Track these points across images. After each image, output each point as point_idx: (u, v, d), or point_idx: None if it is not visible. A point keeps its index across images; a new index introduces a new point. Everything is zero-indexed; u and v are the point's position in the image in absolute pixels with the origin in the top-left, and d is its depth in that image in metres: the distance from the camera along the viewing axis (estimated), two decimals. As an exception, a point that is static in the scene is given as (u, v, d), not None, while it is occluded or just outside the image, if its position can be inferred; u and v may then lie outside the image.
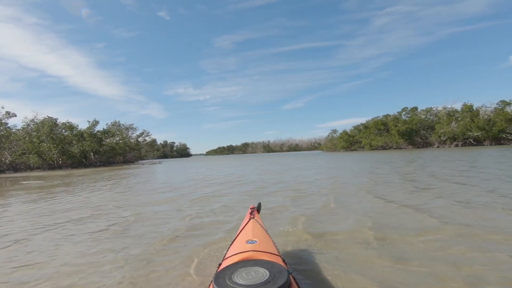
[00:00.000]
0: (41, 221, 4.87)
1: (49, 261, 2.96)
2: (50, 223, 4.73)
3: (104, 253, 3.11)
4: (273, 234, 2.77)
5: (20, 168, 36.79)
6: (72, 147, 41.56)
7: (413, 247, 2.90)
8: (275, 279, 1.35)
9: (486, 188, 6.04)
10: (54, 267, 2.79)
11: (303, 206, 5.13)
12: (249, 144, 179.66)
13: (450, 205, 4.63)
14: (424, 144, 58.55)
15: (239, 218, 4.29)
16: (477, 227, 3.37)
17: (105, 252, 3.16)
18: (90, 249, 3.29)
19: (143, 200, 6.85)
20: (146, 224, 4.38)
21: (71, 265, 2.82)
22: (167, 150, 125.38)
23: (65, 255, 3.13)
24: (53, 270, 2.72)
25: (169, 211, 5.32)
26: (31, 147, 36.95)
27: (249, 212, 2.49)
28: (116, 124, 60.32)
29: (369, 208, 4.72)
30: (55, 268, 2.76)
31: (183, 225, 4.20)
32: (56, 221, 4.86)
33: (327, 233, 3.47)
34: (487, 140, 51.22)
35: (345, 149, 70.55)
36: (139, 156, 67.44)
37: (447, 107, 58.83)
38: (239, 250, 1.77)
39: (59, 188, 10.83)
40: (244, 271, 1.44)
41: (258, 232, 2.05)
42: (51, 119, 42.00)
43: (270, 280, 1.34)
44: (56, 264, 2.87)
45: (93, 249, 3.29)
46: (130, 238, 3.65)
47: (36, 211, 5.98)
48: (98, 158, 46.18)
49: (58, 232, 4.10)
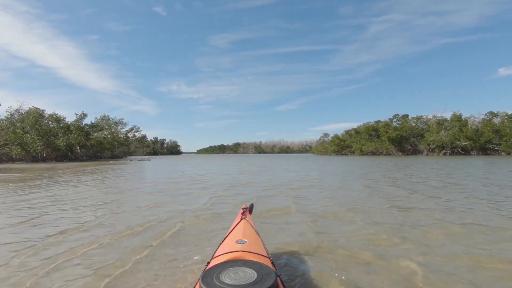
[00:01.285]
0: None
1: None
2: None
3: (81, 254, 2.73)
4: (264, 236, 2.68)
5: (2, 159, 35.51)
6: (57, 139, 40.35)
7: (402, 249, 2.88)
8: (262, 281, 1.34)
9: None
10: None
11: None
12: (241, 144, 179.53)
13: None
14: (413, 151, 59.41)
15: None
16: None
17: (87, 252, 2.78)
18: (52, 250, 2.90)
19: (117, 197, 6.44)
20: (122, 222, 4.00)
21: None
22: (157, 147, 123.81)
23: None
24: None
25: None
26: (14, 137, 35.70)
27: (241, 213, 2.49)
28: (105, 118, 59.20)
29: (361, 211, 4.47)
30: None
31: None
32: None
33: (316, 239, 3.37)
34: (474, 150, 52.29)
35: (336, 153, 71.06)
36: (128, 152, 66.38)
37: (437, 116, 59.97)
38: (228, 249, 1.76)
39: (35, 182, 10.25)
40: (232, 271, 1.44)
41: (248, 233, 2.04)
42: (37, 110, 40.65)
43: (258, 282, 1.33)
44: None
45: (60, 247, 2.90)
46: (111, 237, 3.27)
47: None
48: (84, 152, 45.10)
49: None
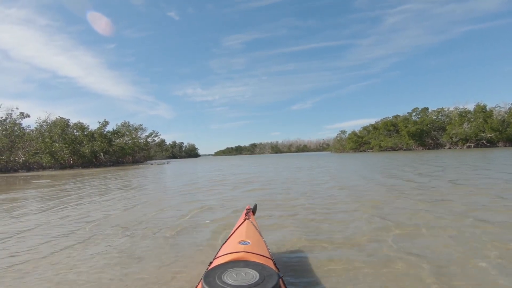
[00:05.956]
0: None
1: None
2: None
3: (97, 251, 3.17)
4: (267, 237, 2.77)
5: (33, 167, 37.79)
6: (82, 147, 42.44)
7: (410, 254, 2.82)
8: (264, 282, 1.34)
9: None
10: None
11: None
12: (257, 144, 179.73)
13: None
14: (435, 145, 57.46)
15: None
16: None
17: (100, 250, 3.22)
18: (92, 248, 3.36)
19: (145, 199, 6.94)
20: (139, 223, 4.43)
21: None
22: (175, 150, 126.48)
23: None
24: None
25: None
26: (43, 147, 37.92)
27: (245, 213, 2.49)
28: (126, 124, 61.27)
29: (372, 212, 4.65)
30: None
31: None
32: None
33: (319, 239, 3.39)
34: (501, 142, 49.93)
35: (353, 150, 69.88)
36: (148, 156, 68.28)
37: (459, 108, 57.61)
38: (231, 250, 1.77)
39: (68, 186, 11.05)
40: (234, 272, 1.44)
41: (251, 234, 2.05)
42: (63, 119, 43.06)
43: (260, 283, 1.33)
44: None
45: (91, 248, 3.36)
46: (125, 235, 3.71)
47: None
48: (107, 158, 47.02)
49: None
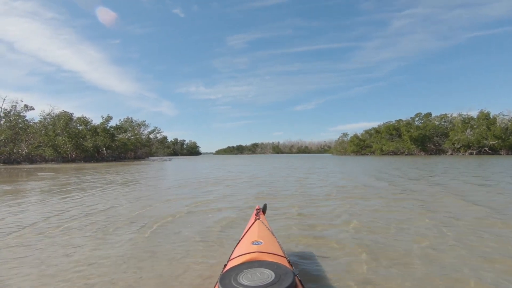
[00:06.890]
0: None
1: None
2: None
3: (109, 244, 3.26)
4: (279, 236, 2.78)
5: (36, 160, 37.98)
6: (85, 141, 42.67)
7: (424, 254, 2.87)
8: (280, 281, 1.35)
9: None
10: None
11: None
12: (259, 144, 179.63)
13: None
14: (436, 151, 57.34)
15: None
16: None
17: (109, 243, 3.31)
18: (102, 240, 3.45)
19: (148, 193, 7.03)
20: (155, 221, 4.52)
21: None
22: (177, 147, 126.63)
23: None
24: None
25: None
26: (47, 140, 38.09)
27: (255, 213, 2.49)
28: (129, 120, 61.59)
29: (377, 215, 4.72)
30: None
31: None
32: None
33: (331, 236, 3.50)
34: (503, 150, 49.77)
35: (355, 153, 69.77)
36: (150, 152, 68.53)
37: (462, 114, 57.41)
38: (244, 251, 1.77)
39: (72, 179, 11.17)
40: (249, 272, 1.45)
41: (263, 233, 2.06)
42: (66, 113, 43.33)
43: (276, 282, 1.34)
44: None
45: (103, 240, 3.44)
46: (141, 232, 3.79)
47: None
48: (110, 153, 47.26)
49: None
